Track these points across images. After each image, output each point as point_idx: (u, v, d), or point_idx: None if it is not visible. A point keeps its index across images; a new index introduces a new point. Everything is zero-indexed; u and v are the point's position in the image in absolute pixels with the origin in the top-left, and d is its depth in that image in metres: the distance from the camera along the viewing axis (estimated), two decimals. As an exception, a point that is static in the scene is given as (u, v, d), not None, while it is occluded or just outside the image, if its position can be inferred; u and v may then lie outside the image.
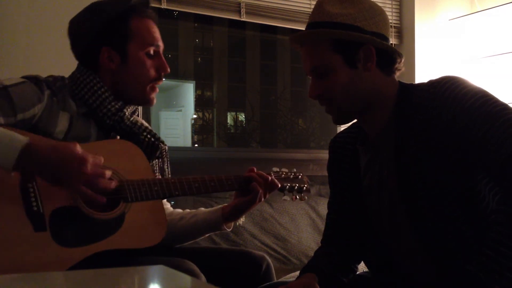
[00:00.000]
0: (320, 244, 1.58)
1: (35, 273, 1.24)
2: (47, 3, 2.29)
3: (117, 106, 1.55)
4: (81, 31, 1.58)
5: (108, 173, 1.37)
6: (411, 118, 1.30)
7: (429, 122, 1.26)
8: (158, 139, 1.64)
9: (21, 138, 1.29)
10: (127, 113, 1.58)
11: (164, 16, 2.84)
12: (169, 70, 1.62)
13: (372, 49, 1.29)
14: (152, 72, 1.58)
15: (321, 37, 1.31)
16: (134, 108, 1.63)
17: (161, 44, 1.61)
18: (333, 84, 1.31)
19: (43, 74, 1.59)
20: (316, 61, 1.33)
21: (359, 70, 1.31)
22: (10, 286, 0.86)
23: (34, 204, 1.36)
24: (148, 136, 1.61)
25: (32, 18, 2.28)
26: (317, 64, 1.33)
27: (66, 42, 1.61)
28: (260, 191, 1.64)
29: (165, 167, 1.68)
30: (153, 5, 2.57)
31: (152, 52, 1.58)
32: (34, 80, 1.48)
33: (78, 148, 1.33)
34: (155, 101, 1.64)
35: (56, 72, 1.62)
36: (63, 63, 1.65)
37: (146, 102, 1.63)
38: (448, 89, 1.26)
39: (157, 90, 1.63)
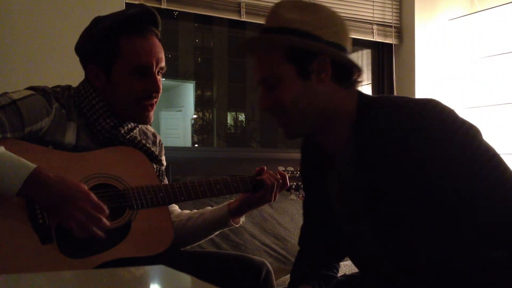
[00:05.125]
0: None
1: (35, 273, 1.24)
2: (50, 8, 2.29)
3: (112, 124, 1.53)
4: (78, 45, 1.58)
5: (107, 223, 1.37)
6: (372, 136, 1.22)
7: (395, 143, 1.18)
8: (153, 158, 1.61)
9: (28, 165, 1.30)
10: (122, 131, 1.56)
11: (164, 16, 2.84)
12: (160, 90, 1.54)
13: (327, 59, 1.21)
14: (139, 92, 1.51)
15: (273, 43, 1.22)
16: (134, 126, 1.60)
17: (154, 63, 1.51)
18: (283, 95, 1.22)
19: (45, 80, 1.59)
20: (266, 71, 1.24)
21: (312, 82, 1.22)
22: (10, 286, 0.85)
23: (40, 216, 1.36)
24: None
25: (35, 24, 2.27)
26: (267, 75, 1.24)
27: (68, 49, 1.61)
28: (274, 190, 1.65)
29: None
30: (153, 5, 2.57)
31: (139, 72, 1.51)
32: (42, 92, 1.48)
33: (84, 186, 1.36)
34: (151, 119, 1.57)
35: (58, 78, 1.62)
36: (65, 69, 1.66)
37: (140, 121, 1.58)
38: (430, 119, 1.17)
39: (152, 108, 1.56)
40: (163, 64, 1.55)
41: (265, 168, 1.69)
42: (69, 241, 1.37)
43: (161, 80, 1.56)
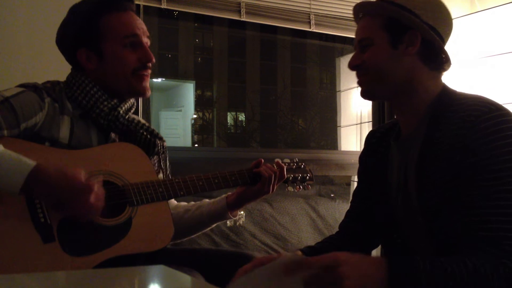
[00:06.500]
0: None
1: (35, 273, 1.24)
2: (47, 5, 2.29)
3: (110, 106, 1.54)
4: (61, 36, 1.58)
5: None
6: (441, 128, 1.29)
7: (455, 140, 1.24)
8: (155, 135, 1.63)
9: (28, 162, 1.30)
10: (121, 112, 1.56)
11: (164, 16, 2.84)
12: (153, 59, 1.58)
13: (418, 35, 1.32)
14: (133, 62, 1.55)
15: (377, 9, 1.37)
16: (130, 106, 1.61)
17: (140, 33, 1.56)
18: (370, 57, 1.36)
19: (43, 77, 1.58)
20: (364, 33, 1.38)
21: (398, 52, 1.33)
22: (10, 286, 0.85)
23: (41, 215, 1.36)
24: (145, 133, 1.61)
25: (32, 21, 2.28)
26: (363, 37, 1.38)
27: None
28: (272, 182, 1.66)
29: (163, 164, 1.67)
30: (153, 5, 2.57)
31: (129, 43, 1.54)
32: (33, 88, 1.48)
33: (84, 175, 1.35)
34: (149, 91, 1.61)
35: (56, 75, 1.62)
36: (62, 66, 1.65)
37: (138, 93, 1.60)
38: (487, 128, 1.21)
39: (147, 78, 1.59)
40: (147, 35, 1.60)
41: (262, 160, 1.70)
42: (71, 240, 1.37)
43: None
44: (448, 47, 1.47)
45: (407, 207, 1.36)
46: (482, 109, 1.24)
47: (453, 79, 3.29)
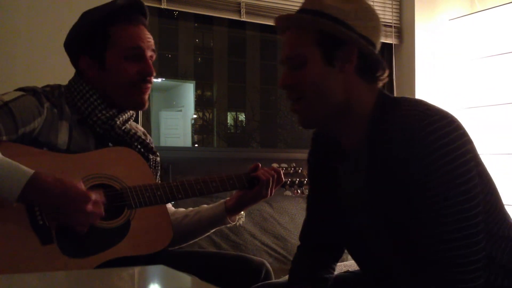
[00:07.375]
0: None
1: (35, 273, 1.24)
2: (48, 7, 2.29)
3: (108, 115, 1.53)
4: (68, 40, 1.58)
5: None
6: (383, 139, 1.19)
7: (397, 155, 1.16)
8: (149, 150, 1.63)
9: (27, 171, 1.30)
10: (118, 122, 1.56)
11: (164, 16, 2.85)
12: (154, 72, 1.56)
13: (355, 50, 1.20)
14: (133, 75, 1.53)
15: (307, 24, 1.22)
16: (128, 116, 1.61)
17: (145, 46, 1.54)
18: (304, 77, 1.22)
19: (43, 80, 1.59)
20: (293, 50, 1.24)
21: (335, 70, 1.21)
22: (10, 286, 0.86)
23: (39, 218, 1.36)
24: (139, 146, 1.61)
25: (33, 23, 2.28)
26: (293, 54, 1.24)
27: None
28: (270, 186, 1.66)
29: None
30: (153, 5, 2.57)
31: (132, 55, 1.53)
32: (32, 92, 1.47)
33: (82, 185, 1.36)
34: (147, 104, 1.59)
35: (57, 78, 1.62)
36: (64, 69, 1.66)
37: (136, 106, 1.59)
38: (426, 139, 1.13)
39: (147, 92, 1.57)
40: (153, 49, 1.58)
41: (260, 165, 1.70)
42: (69, 241, 1.37)
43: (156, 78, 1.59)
44: (448, 47, 1.43)
45: (369, 229, 1.29)
46: (414, 119, 1.15)
47: (454, 79, 3.29)
